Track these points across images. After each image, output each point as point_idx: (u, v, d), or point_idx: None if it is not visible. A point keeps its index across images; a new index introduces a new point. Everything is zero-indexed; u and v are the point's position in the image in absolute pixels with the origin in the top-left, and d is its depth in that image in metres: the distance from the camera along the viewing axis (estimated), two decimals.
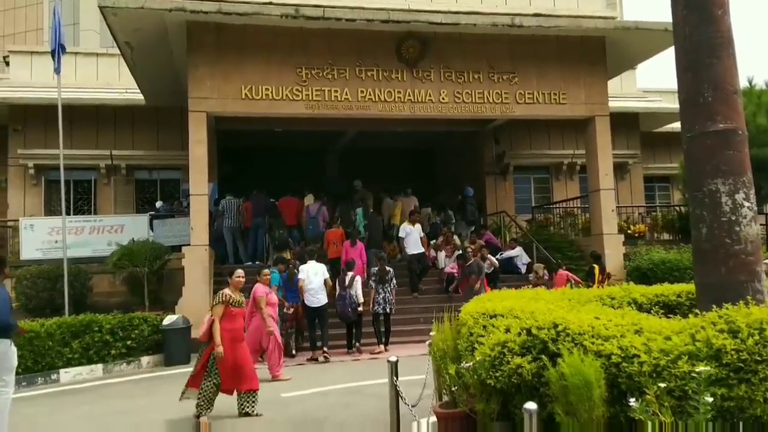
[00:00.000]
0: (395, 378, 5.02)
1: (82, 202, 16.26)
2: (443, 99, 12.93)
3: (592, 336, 3.77)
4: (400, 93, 12.77)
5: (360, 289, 10.55)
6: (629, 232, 15.48)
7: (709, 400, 3.16)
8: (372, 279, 10.92)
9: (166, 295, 12.47)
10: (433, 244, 14.17)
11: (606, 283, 11.24)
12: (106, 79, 16.67)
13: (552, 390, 3.67)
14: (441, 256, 13.85)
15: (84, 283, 12.49)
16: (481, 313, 4.85)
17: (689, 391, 3.26)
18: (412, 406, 4.66)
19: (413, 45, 12.81)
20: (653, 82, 41.02)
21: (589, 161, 14.19)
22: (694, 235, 4.77)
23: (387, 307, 10.67)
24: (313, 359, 10.18)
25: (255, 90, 12.14)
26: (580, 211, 16.77)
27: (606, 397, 3.50)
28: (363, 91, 12.61)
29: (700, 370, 3.23)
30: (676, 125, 17.72)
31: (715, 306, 3.86)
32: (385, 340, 10.75)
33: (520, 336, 4.10)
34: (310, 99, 12.38)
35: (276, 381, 8.46)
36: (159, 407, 7.34)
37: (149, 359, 10.54)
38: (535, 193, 18.38)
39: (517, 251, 14.24)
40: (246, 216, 13.94)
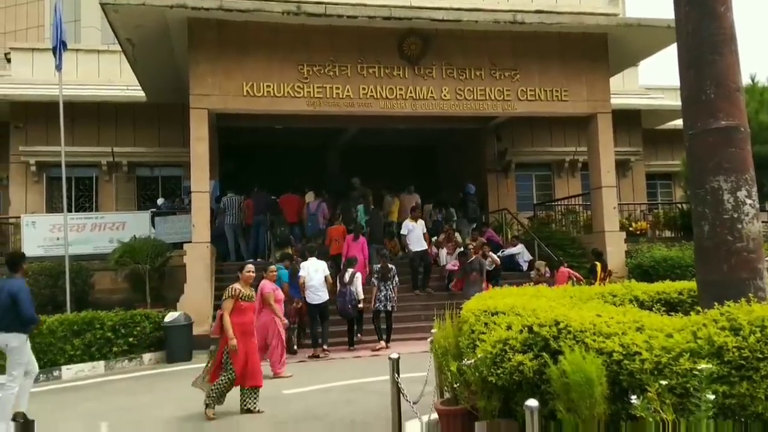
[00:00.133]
0: (397, 375, 5.02)
1: (84, 199, 16.28)
2: (445, 96, 12.92)
3: (594, 333, 3.77)
4: (401, 90, 12.75)
5: (360, 286, 10.57)
6: (631, 229, 15.46)
7: (711, 397, 3.16)
8: (374, 276, 10.93)
9: (167, 292, 12.49)
10: (434, 242, 14.17)
11: (607, 280, 11.24)
12: (108, 76, 16.67)
13: (553, 387, 3.67)
14: (442, 253, 13.85)
15: (86, 280, 12.51)
16: (482, 310, 4.85)
17: (691, 388, 3.26)
18: (414, 403, 4.66)
19: (415, 42, 12.79)
20: (655, 79, 40.95)
21: (591, 158, 14.17)
22: (696, 233, 4.76)
23: (388, 305, 10.67)
24: (315, 356, 10.19)
25: (256, 87, 12.13)
26: (582, 209, 16.76)
27: (607, 394, 3.50)
28: (364, 88, 12.60)
29: (701, 368, 3.23)
30: (679, 122, 17.67)
31: (716, 303, 3.85)
32: (386, 337, 10.76)
33: (522, 333, 4.10)
34: (312, 96, 12.37)
35: (278, 378, 8.48)
36: (161, 404, 7.36)
37: (151, 356, 10.56)
38: (536, 190, 18.36)
39: (518, 248, 14.24)
40: (247, 213, 13.95)
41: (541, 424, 3.38)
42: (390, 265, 10.96)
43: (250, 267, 7.06)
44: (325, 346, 10.35)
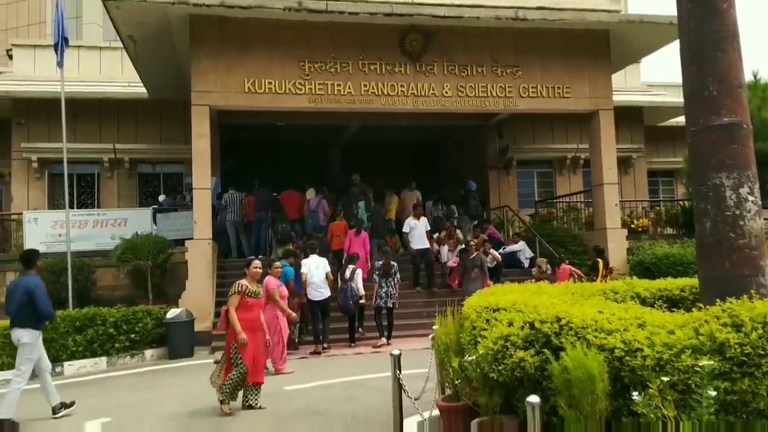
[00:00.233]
0: (398, 371, 5.02)
1: (86, 195, 16.29)
2: (446, 93, 12.90)
3: (596, 330, 3.76)
4: (403, 87, 12.74)
5: (360, 282, 10.59)
6: (633, 226, 15.46)
7: (713, 393, 3.16)
8: (376, 273, 10.94)
9: (169, 288, 12.52)
10: (435, 238, 14.17)
11: (608, 277, 11.24)
12: (109, 73, 16.67)
13: (555, 383, 3.67)
14: (444, 250, 13.85)
15: (88, 276, 12.53)
16: (484, 306, 4.85)
17: (692, 384, 3.26)
18: (415, 399, 4.66)
19: (416, 38, 12.77)
20: (657, 76, 40.89)
21: (592, 155, 14.16)
22: (698, 230, 4.75)
23: (390, 302, 10.68)
24: (316, 353, 10.21)
25: (258, 83, 12.13)
26: (584, 206, 16.75)
27: (609, 390, 3.49)
28: (366, 85, 12.59)
29: (703, 364, 3.22)
30: (681, 119, 17.67)
31: (718, 300, 3.85)
32: (387, 334, 10.77)
33: (523, 330, 4.10)
34: (313, 93, 12.37)
35: (279, 374, 8.49)
36: (163, 400, 7.38)
37: (153, 352, 10.59)
38: (538, 187, 18.36)
39: (519, 246, 14.24)
40: (249, 210, 13.96)
41: (542, 420, 3.38)
42: (392, 262, 10.97)
43: (257, 263, 7.02)
44: (325, 344, 10.39)
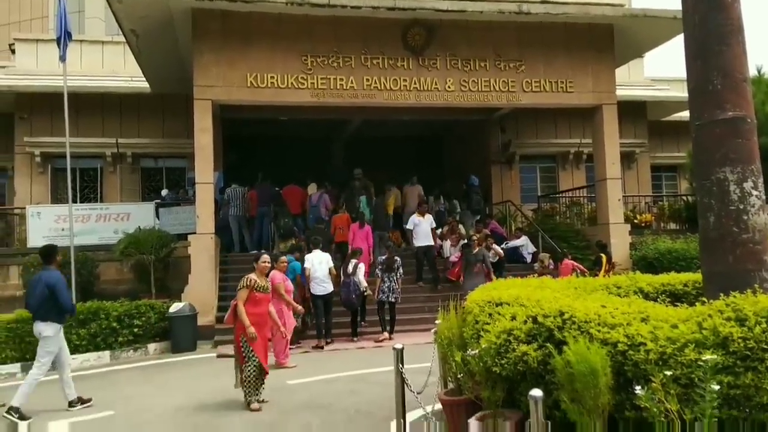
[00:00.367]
0: (401, 365, 5.03)
1: (89, 190, 16.32)
2: (449, 87, 12.87)
3: (599, 324, 3.77)
4: (405, 81, 12.71)
5: (362, 277, 10.60)
6: (636, 221, 15.42)
7: (716, 388, 3.16)
8: (379, 267, 10.94)
9: (172, 282, 12.54)
10: (438, 234, 14.14)
11: (611, 272, 11.22)
12: (112, 67, 16.67)
13: (558, 377, 3.68)
14: (446, 245, 13.83)
15: (91, 270, 12.55)
16: (486, 301, 4.86)
17: (695, 378, 3.26)
18: (418, 393, 4.67)
19: (419, 32, 12.72)
20: (661, 71, 40.73)
21: (595, 150, 14.12)
22: (701, 224, 4.75)
23: (392, 296, 10.69)
24: (319, 347, 10.23)
25: (260, 78, 12.11)
26: (587, 201, 16.72)
27: (612, 384, 3.50)
28: (368, 80, 12.56)
29: (706, 358, 3.23)
30: (684, 114, 17.61)
31: (722, 294, 3.84)
32: (390, 328, 10.78)
33: (526, 324, 4.11)
34: (316, 87, 12.34)
35: (281, 368, 8.51)
36: (166, 393, 7.41)
37: (156, 346, 10.62)
38: (541, 182, 18.32)
39: (522, 241, 14.23)
40: (251, 204, 13.97)
41: (545, 414, 3.39)
42: (395, 257, 10.97)
43: (266, 257, 7.02)
44: (328, 339, 10.41)
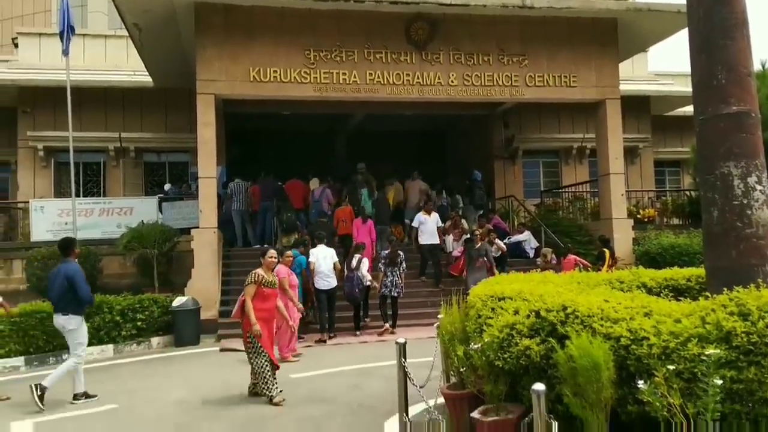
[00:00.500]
0: (403, 359, 5.04)
1: (92, 184, 16.34)
2: (452, 82, 12.84)
3: (601, 318, 3.77)
4: (408, 76, 12.68)
5: (366, 271, 10.61)
6: (639, 216, 15.41)
7: (719, 382, 3.16)
8: (382, 262, 10.95)
9: (175, 276, 12.57)
10: (441, 228, 14.12)
11: (614, 267, 11.20)
12: (114, 61, 16.66)
13: (560, 372, 3.68)
14: (449, 240, 13.83)
15: (94, 264, 12.57)
16: (489, 295, 4.86)
17: (698, 373, 3.26)
18: (420, 387, 4.68)
19: (422, 27, 12.69)
20: (665, 66, 40.57)
21: (599, 145, 14.09)
22: (705, 219, 4.74)
23: (395, 291, 10.70)
24: (322, 341, 10.26)
25: (263, 72, 12.09)
26: (590, 196, 16.70)
27: (614, 379, 3.51)
28: (371, 74, 12.54)
29: (709, 353, 3.22)
30: (688, 109, 17.57)
31: (725, 289, 3.84)
32: (392, 322, 10.80)
33: (529, 318, 4.11)
34: (319, 81, 12.32)
35: (285, 362, 8.53)
36: (169, 387, 7.44)
37: (159, 340, 10.65)
38: (544, 177, 18.29)
39: (525, 235, 14.21)
40: (254, 199, 13.98)
41: (547, 408, 3.40)
42: (398, 251, 10.98)
43: (273, 252, 7.02)
44: (331, 333, 10.45)
